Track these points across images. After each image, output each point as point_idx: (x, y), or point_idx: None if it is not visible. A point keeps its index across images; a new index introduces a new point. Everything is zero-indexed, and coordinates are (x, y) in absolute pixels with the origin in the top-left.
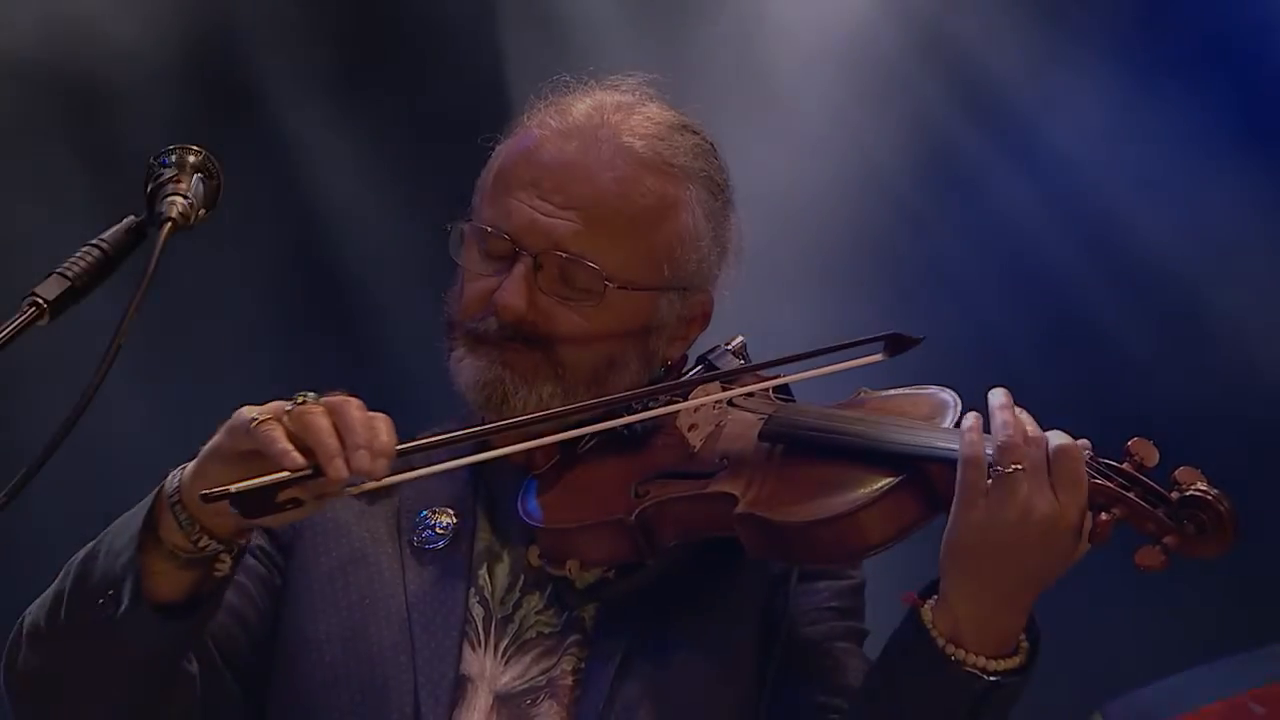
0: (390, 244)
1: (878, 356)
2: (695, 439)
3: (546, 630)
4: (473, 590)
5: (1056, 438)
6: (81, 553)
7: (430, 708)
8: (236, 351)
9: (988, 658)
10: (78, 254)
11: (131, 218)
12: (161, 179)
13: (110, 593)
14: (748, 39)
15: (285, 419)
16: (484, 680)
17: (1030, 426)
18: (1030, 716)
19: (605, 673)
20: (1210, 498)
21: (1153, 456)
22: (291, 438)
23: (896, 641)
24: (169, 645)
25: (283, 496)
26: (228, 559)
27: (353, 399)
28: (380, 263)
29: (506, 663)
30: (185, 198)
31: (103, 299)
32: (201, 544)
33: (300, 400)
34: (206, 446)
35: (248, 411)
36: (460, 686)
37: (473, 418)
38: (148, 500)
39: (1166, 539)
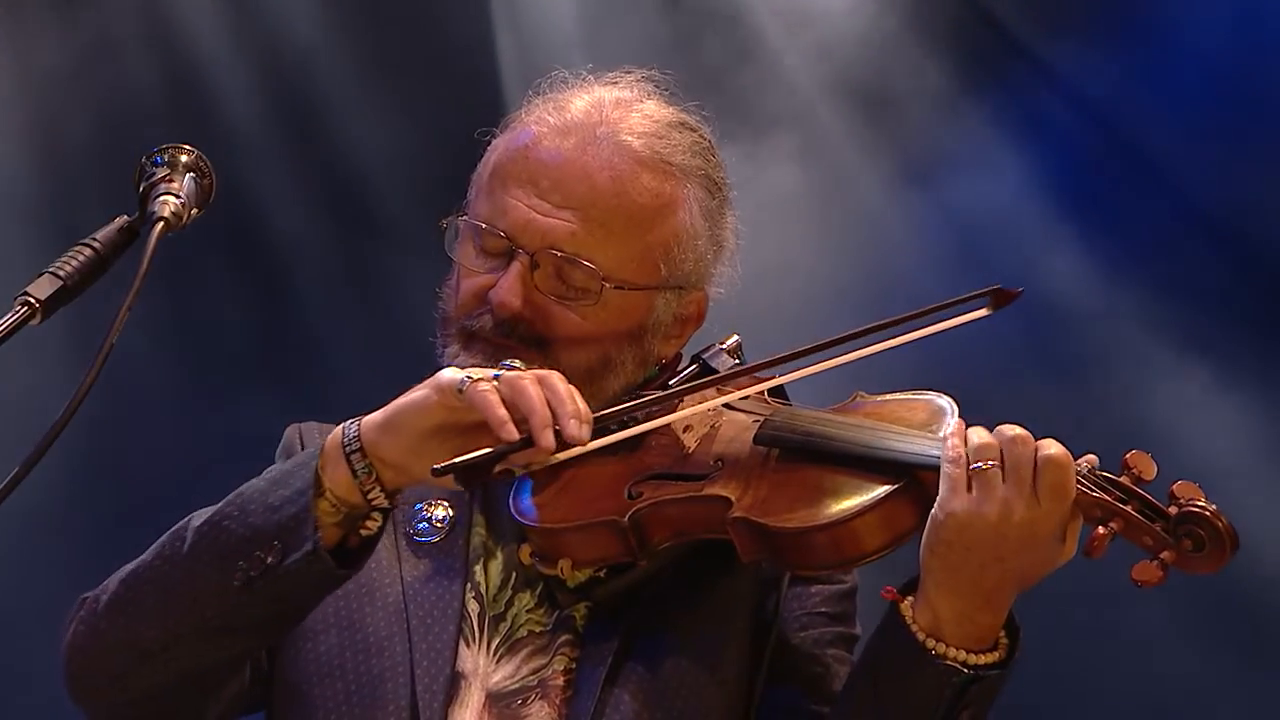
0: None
1: (983, 312)
2: (690, 440)
3: (537, 629)
4: (469, 586)
5: (1048, 446)
6: (197, 519)
7: (427, 703)
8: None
9: (968, 652)
10: (69, 253)
11: (124, 217)
12: (154, 178)
13: (278, 544)
14: None
15: (499, 384)
16: (477, 678)
17: (1014, 429)
18: None
19: (596, 675)
20: (1208, 513)
21: (1151, 470)
22: (506, 404)
23: (877, 636)
24: (313, 599)
25: (500, 467)
26: (379, 518)
27: (555, 371)
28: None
29: (498, 661)
30: (178, 197)
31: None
32: (371, 495)
33: (509, 367)
34: (403, 401)
35: (456, 372)
36: (454, 683)
37: None
38: (304, 457)
39: (1164, 554)
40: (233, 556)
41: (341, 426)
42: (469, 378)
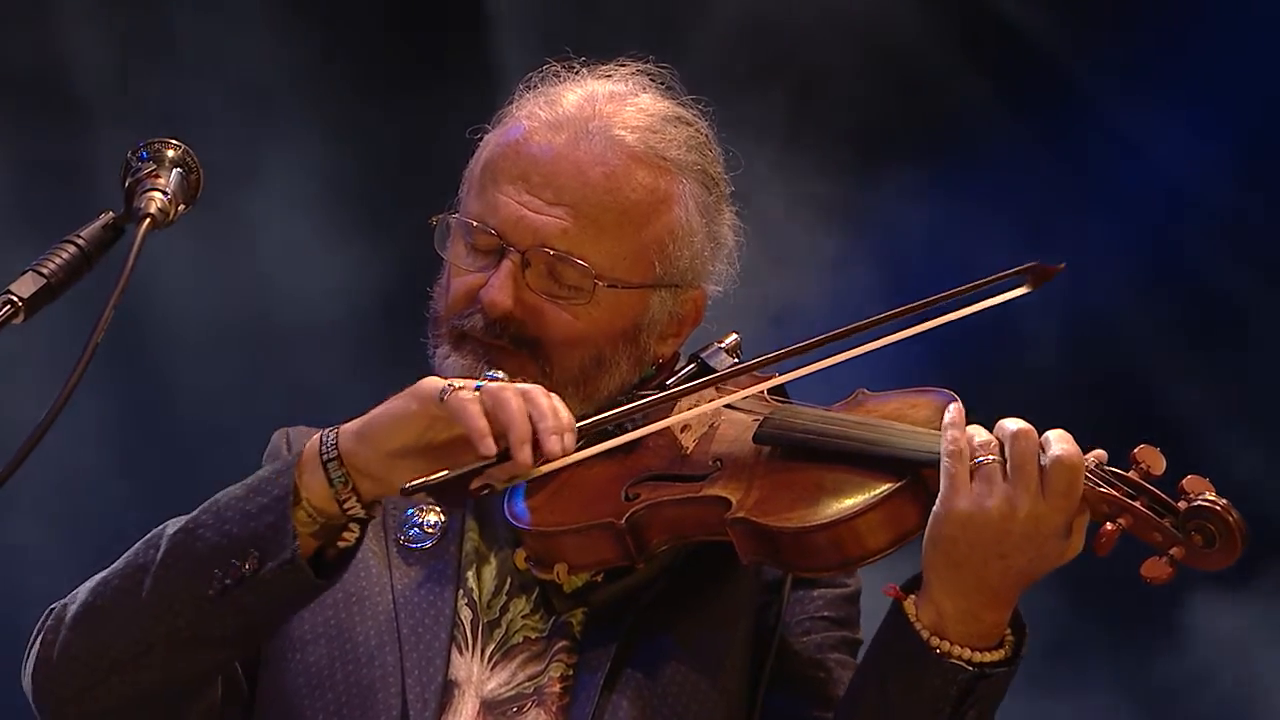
0: None
1: (1022, 289)
2: (688, 440)
3: (533, 635)
4: (461, 592)
5: (1056, 444)
6: (170, 528)
7: (418, 712)
8: None
9: (972, 649)
10: (52, 250)
11: (109, 213)
12: (139, 174)
13: (255, 552)
14: None
15: (480, 395)
16: (470, 685)
17: (1016, 423)
18: None
19: (594, 682)
20: (1219, 508)
21: (1159, 465)
22: (487, 416)
23: (880, 635)
24: (289, 609)
25: (476, 484)
26: (357, 529)
27: (538, 385)
28: None
29: (493, 668)
30: (164, 193)
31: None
32: (348, 505)
33: (492, 378)
34: (382, 409)
35: (438, 381)
36: (447, 691)
37: None
38: (280, 466)
39: (1173, 550)
40: (208, 565)
41: (320, 434)
42: (451, 386)
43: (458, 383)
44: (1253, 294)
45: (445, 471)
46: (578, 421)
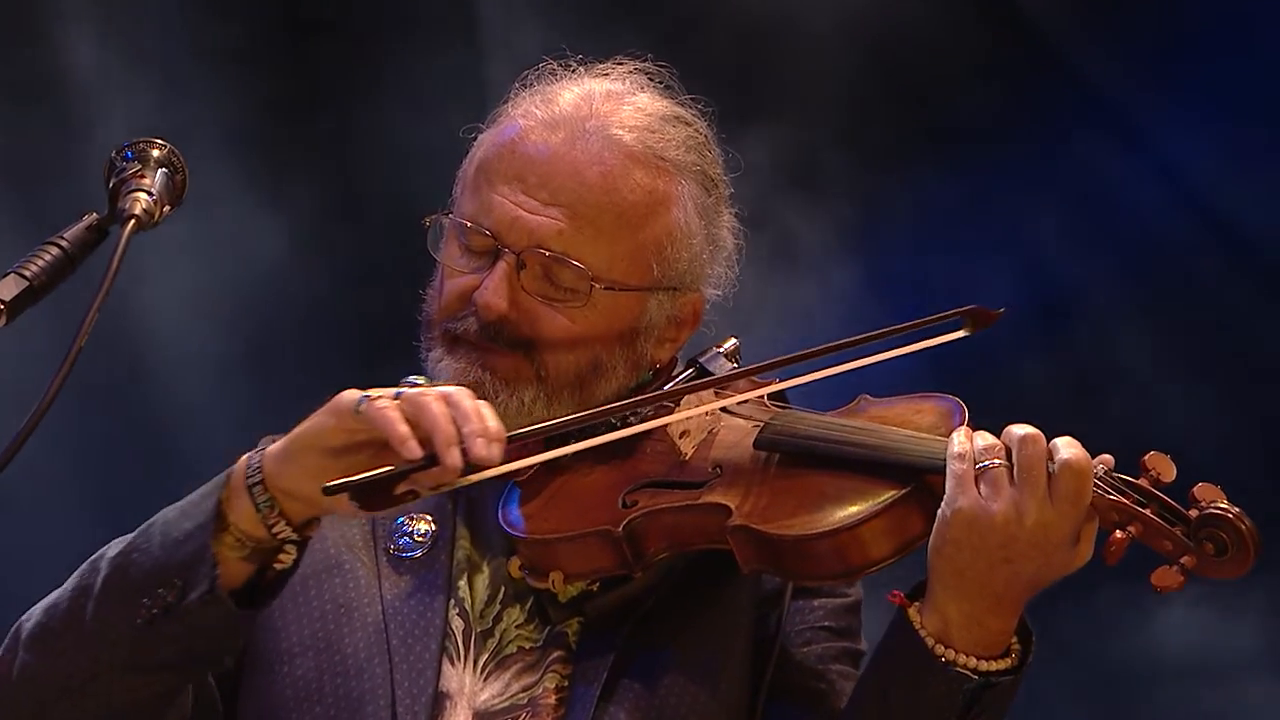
0: None
1: (961, 332)
2: (687, 446)
3: (528, 645)
4: (453, 602)
5: (1065, 450)
6: (112, 549)
7: None
8: None
9: (978, 658)
10: (36, 252)
11: (93, 215)
12: (124, 174)
13: (178, 581)
14: None
15: (400, 402)
16: (463, 697)
17: (1024, 429)
18: None
19: (589, 694)
20: (1231, 516)
21: (1170, 472)
22: (408, 422)
23: (884, 643)
24: (223, 638)
25: (401, 488)
26: (293, 551)
27: (462, 387)
28: None
29: (486, 679)
30: (149, 194)
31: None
32: (276, 530)
33: (411, 384)
34: (301, 428)
35: (355, 393)
36: (438, 703)
37: None
38: (210, 487)
39: (1184, 559)
40: (138, 593)
41: (247, 456)
42: (367, 396)
43: (375, 392)
44: None
45: (371, 472)
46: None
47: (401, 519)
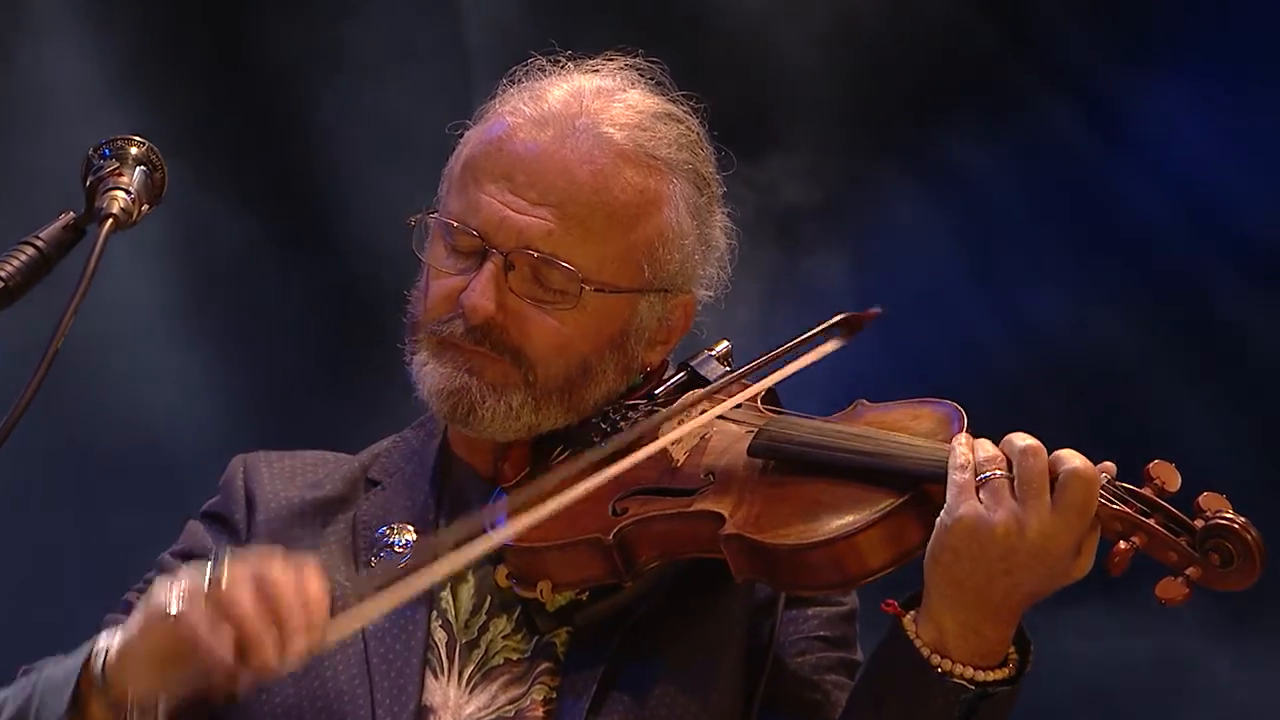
0: None
1: (838, 342)
2: (678, 453)
3: (515, 656)
4: (435, 613)
5: (1069, 459)
6: (16, 686)
7: None
8: None
9: (975, 668)
10: (10, 252)
11: (69, 213)
12: (101, 172)
13: None
14: None
15: (210, 608)
16: (447, 711)
17: (1025, 439)
18: None
19: (578, 706)
20: (1236, 526)
21: (1174, 480)
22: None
23: (879, 653)
24: None
25: (226, 691)
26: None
27: (274, 562)
28: None
29: (471, 691)
30: (127, 192)
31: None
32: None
33: (217, 572)
34: (128, 632)
35: (164, 597)
36: (421, 717)
37: (436, 425)
38: (73, 667)
39: (1189, 570)
40: None
41: (95, 650)
42: (178, 596)
43: (181, 587)
44: None
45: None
46: (577, 429)
47: (383, 529)
